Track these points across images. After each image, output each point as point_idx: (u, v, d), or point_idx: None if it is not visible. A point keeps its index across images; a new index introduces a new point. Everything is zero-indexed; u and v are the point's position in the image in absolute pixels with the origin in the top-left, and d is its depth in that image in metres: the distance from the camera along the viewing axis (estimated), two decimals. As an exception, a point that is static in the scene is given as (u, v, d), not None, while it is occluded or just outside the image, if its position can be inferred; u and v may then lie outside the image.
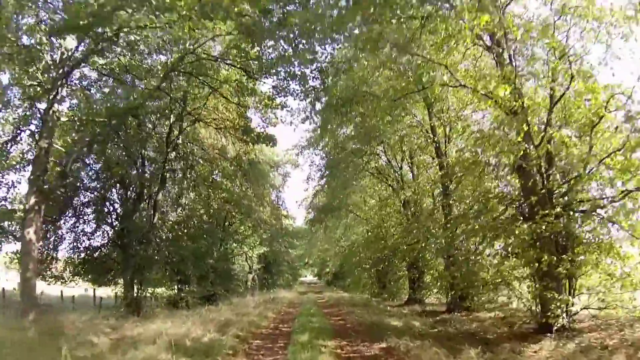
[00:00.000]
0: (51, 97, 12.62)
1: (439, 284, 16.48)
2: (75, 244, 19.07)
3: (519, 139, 9.23)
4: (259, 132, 14.25)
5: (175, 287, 21.19)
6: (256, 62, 13.34)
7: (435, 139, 15.83)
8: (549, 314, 8.54)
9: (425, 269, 19.42)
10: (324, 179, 22.17)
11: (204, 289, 23.25)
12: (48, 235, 18.71)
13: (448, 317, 13.64)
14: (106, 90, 15.58)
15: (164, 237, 18.94)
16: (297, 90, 13.11)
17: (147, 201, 17.49)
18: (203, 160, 18.30)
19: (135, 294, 16.64)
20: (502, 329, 10.63)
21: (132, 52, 14.43)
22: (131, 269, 15.96)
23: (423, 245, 16.26)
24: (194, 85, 14.86)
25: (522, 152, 9.14)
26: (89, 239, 19.29)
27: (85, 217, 19.06)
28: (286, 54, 11.43)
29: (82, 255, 19.19)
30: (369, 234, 26.33)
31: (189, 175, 19.59)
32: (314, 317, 13.27)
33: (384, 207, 23.04)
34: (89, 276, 19.58)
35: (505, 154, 9.45)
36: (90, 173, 19.08)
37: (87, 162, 18.58)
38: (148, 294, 17.69)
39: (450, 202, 15.08)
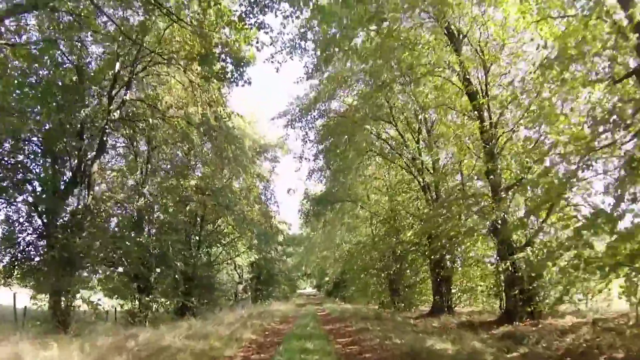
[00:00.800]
0: None
1: (486, 282, 12.02)
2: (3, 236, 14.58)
3: None
4: (223, 58, 9.70)
5: (135, 297, 16.40)
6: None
7: (469, 80, 11.45)
8: None
9: (456, 266, 14.94)
10: (321, 156, 17.50)
11: (173, 300, 18.62)
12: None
13: (511, 330, 9.18)
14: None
15: (104, 226, 14.24)
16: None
17: (82, 178, 12.90)
18: (156, 118, 13.67)
19: (64, 303, 11.94)
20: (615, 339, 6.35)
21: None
22: (55, 267, 11.30)
23: (457, 231, 11.82)
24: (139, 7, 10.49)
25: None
26: (21, 232, 14.80)
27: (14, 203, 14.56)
28: None
29: (14, 252, 14.63)
30: (378, 229, 21.84)
31: (139, 146, 15.00)
32: (310, 340, 8.46)
33: (397, 195, 18.58)
34: (30, 279, 14.93)
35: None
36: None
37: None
38: (80, 303, 12.92)
39: (498, 165, 10.73)
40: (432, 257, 14.64)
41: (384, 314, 17.98)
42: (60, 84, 13.03)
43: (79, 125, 12.81)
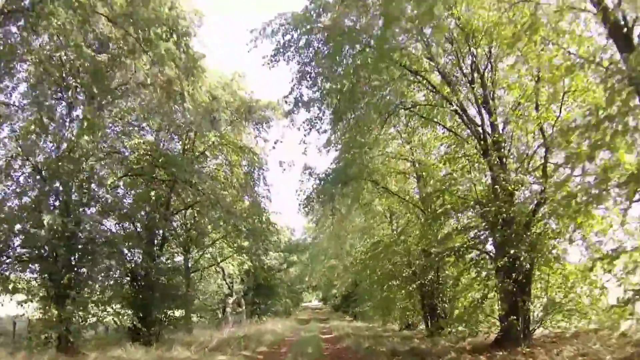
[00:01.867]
0: None
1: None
2: None
3: None
4: None
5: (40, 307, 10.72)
6: None
7: None
8: None
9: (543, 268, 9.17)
10: (327, 110, 11.65)
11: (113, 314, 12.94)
12: None
13: None
14: None
15: None
16: None
17: None
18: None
19: None
20: None
21: None
22: None
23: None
24: None
25: None
26: None
27: None
28: None
29: None
30: (400, 226, 16.06)
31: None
32: None
33: (439, 167, 12.84)
34: None
35: None
36: None
37: None
38: None
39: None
40: (512, 253, 8.86)
41: (420, 343, 12.16)
42: None
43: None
